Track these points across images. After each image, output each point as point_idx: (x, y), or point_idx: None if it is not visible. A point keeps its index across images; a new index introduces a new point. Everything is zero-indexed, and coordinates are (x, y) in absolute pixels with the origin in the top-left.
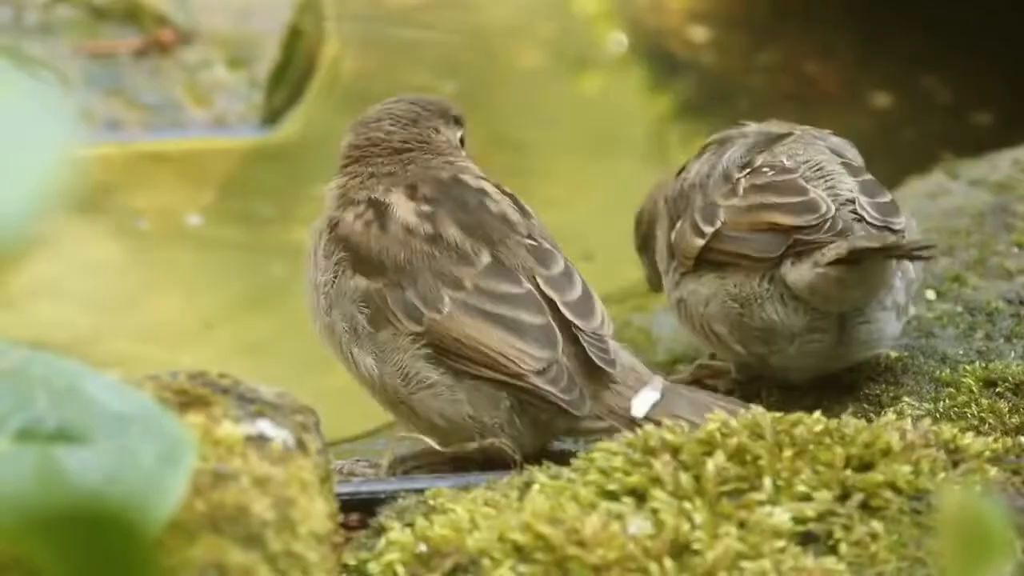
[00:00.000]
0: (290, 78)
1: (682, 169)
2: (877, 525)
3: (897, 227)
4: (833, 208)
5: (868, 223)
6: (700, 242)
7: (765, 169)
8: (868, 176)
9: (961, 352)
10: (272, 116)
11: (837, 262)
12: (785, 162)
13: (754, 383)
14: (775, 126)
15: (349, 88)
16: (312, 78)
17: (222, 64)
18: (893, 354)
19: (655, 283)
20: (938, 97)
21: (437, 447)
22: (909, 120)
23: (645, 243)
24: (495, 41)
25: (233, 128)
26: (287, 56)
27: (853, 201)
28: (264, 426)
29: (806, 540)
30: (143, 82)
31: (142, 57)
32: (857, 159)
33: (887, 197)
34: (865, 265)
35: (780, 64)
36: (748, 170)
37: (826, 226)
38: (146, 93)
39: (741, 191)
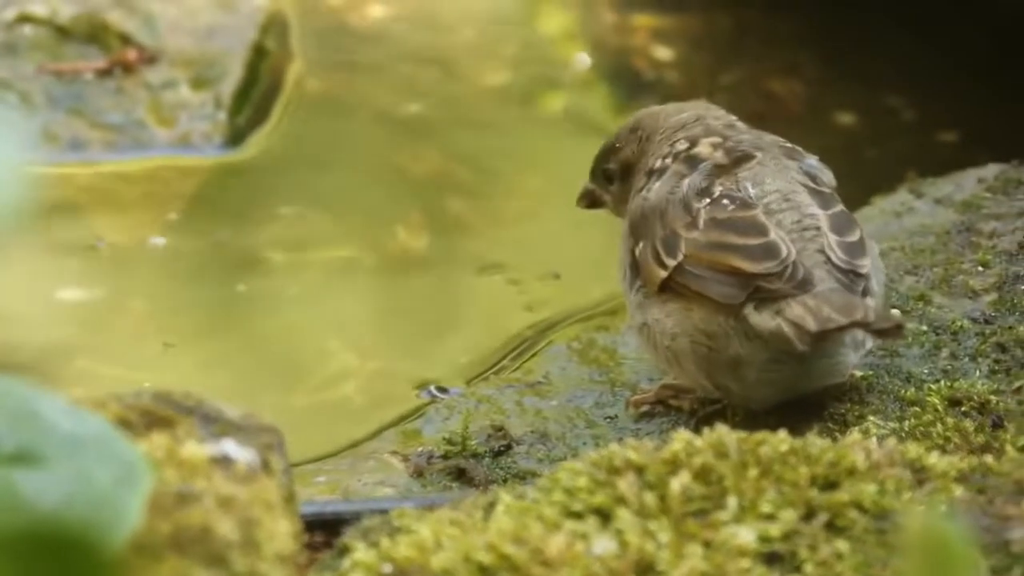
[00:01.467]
0: (254, 98)
1: (652, 168)
2: (842, 545)
3: (863, 271)
4: (794, 252)
5: (833, 264)
6: (663, 273)
7: (725, 201)
8: (839, 207)
9: (926, 371)
10: (236, 136)
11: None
12: (752, 191)
13: (718, 402)
14: (746, 135)
15: (314, 107)
16: (277, 97)
17: (186, 84)
18: (858, 373)
19: (593, 201)
20: (903, 116)
21: (404, 469)
22: (874, 139)
23: (605, 170)
24: (460, 60)
25: (197, 148)
26: (251, 76)
27: (820, 236)
28: (228, 446)
29: (771, 560)
30: (107, 102)
31: (106, 77)
32: (831, 183)
33: (856, 235)
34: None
35: (744, 83)
36: (707, 200)
37: (787, 274)
38: (110, 113)
39: (701, 224)
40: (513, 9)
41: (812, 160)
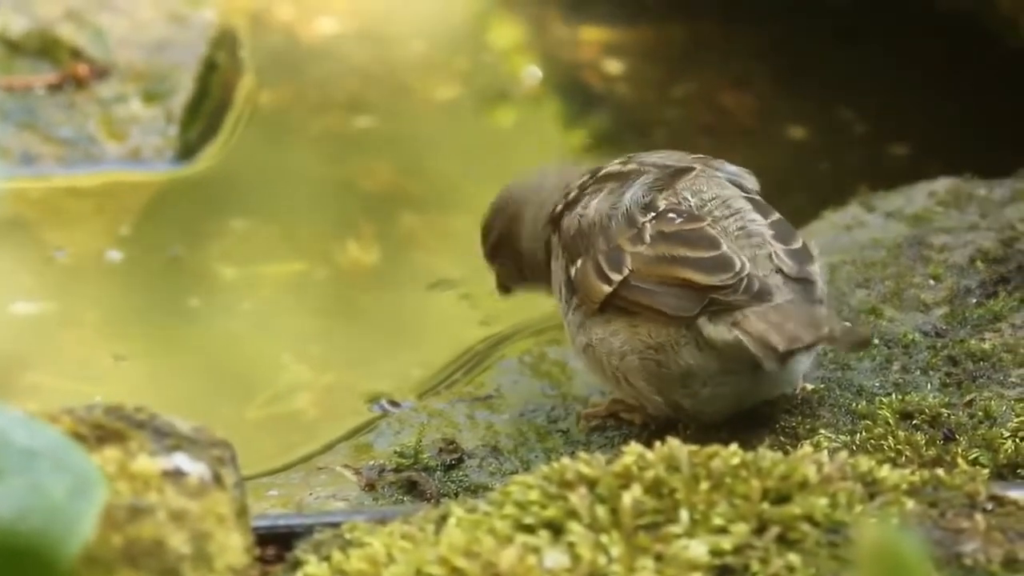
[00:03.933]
0: (205, 112)
1: (566, 201)
2: (794, 558)
3: (814, 277)
4: (748, 265)
5: (785, 274)
6: (607, 289)
7: (671, 215)
8: (776, 215)
9: (877, 384)
10: (188, 150)
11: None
12: (691, 200)
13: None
14: (671, 159)
15: (265, 122)
16: (228, 112)
17: (137, 98)
18: (809, 387)
19: (505, 286)
20: (854, 129)
21: (356, 482)
22: (825, 152)
23: (495, 252)
24: (411, 74)
25: (149, 162)
26: (202, 90)
27: (767, 244)
28: (180, 460)
29: (723, 573)
30: (58, 116)
31: (57, 91)
32: (755, 187)
33: (798, 242)
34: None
35: (695, 96)
36: (652, 214)
37: (742, 287)
38: (61, 127)
39: (648, 238)
40: (464, 23)
41: (731, 167)
